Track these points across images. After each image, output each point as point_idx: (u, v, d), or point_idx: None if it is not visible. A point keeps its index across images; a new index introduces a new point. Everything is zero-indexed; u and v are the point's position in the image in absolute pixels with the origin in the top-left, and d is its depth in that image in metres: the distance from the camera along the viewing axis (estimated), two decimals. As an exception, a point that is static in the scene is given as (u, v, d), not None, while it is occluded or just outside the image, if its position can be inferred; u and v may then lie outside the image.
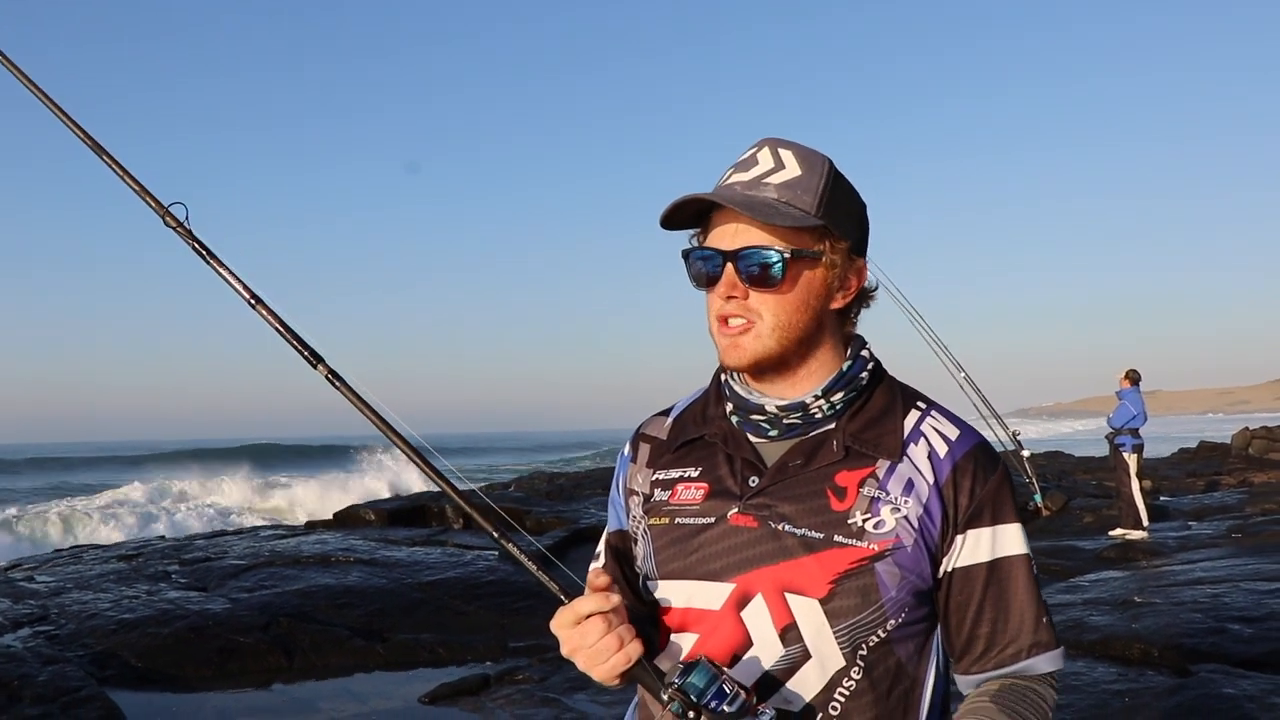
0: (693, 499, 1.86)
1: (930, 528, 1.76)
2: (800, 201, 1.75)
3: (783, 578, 1.73)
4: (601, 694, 7.67)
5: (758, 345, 1.78)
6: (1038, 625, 1.79)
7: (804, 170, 1.78)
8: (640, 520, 1.95)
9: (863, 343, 1.91)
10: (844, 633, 1.71)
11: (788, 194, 1.76)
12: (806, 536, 1.73)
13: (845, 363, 1.85)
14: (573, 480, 29.00)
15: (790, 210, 1.74)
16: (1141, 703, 6.80)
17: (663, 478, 1.94)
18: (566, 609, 1.72)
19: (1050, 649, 1.79)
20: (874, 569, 1.71)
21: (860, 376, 1.85)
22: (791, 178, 1.77)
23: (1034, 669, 1.78)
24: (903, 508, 1.75)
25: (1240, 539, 14.41)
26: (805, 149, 1.82)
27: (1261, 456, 31.37)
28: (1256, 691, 6.73)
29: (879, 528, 1.73)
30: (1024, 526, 1.83)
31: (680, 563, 1.82)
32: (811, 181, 1.77)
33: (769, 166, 1.79)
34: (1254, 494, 21.26)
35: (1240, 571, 11.16)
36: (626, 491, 2.04)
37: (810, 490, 1.77)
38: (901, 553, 1.73)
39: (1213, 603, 9.37)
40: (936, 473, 1.78)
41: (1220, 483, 25.72)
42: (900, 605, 1.74)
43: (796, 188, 1.77)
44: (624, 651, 1.69)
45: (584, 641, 1.69)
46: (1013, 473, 2.02)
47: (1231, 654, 7.81)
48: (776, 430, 1.84)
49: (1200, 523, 17.05)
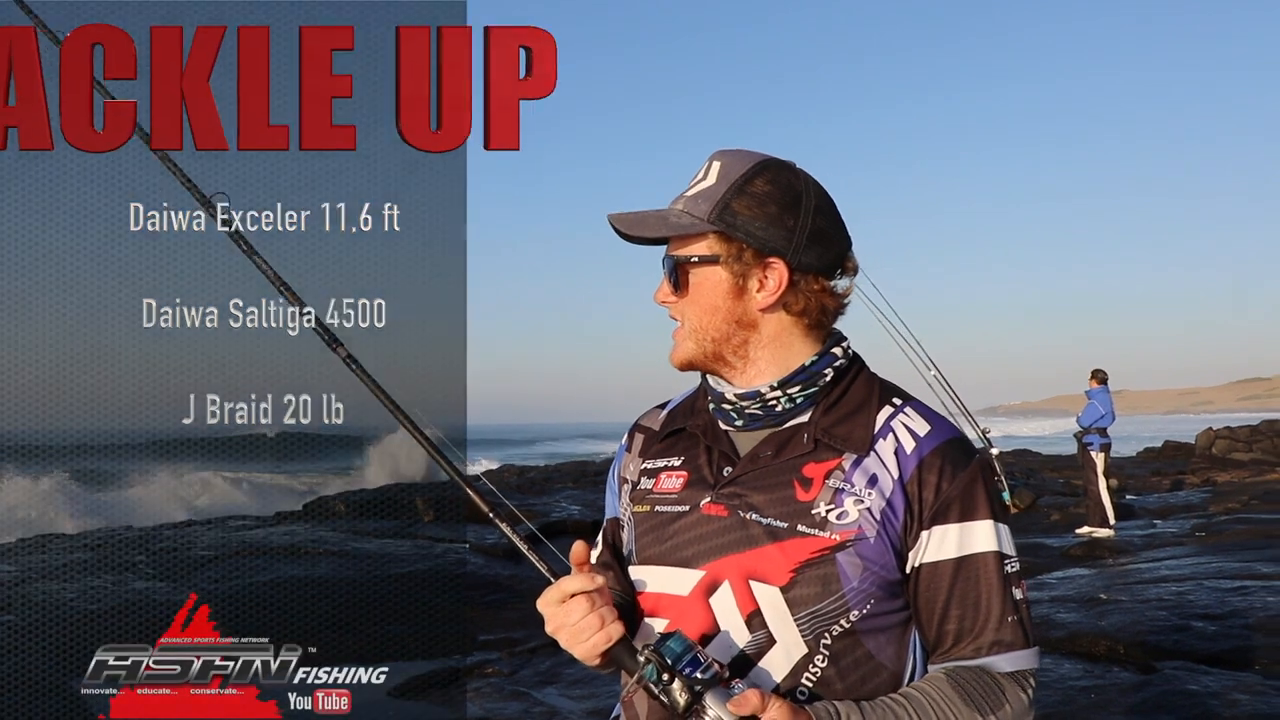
0: (672, 488, 1.90)
1: (893, 522, 1.77)
2: (697, 209, 1.83)
3: (748, 565, 1.76)
4: (572, 687, 7.66)
5: (681, 348, 1.89)
6: (1001, 624, 1.78)
7: (717, 180, 1.84)
8: (627, 507, 2.00)
9: (838, 340, 1.93)
10: (805, 620, 1.73)
11: (690, 204, 1.84)
12: (772, 525, 1.76)
13: (810, 357, 1.87)
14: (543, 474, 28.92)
15: (680, 220, 1.84)
16: (1107, 699, 6.86)
17: (650, 467, 1.99)
18: (552, 588, 1.75)
19: (1014, 649, 1.79)
20: (835, 559, 1.73)
21: (824, 373, 1.87)
22: (702, 188, 1.85)
23: (994, 667, 1.77)
24: (866, 500, 1.76)
25: (1204, 537, 14.54)
26: (741, 158, 1.87)
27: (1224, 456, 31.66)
28: (1219, 688, 6.80)
29: (842, 518, 1.75)
30: (1000, 523, 1.82)
31: (656, 549, 1.87)
32: (717, 190, 1.83)
33: (697, 179, 1.87)
34: (1217, 493, 21.46)
35: (1204, 570, 11.28)
36: (620, 480, 2.08)
37: (778, 480, 1.80)
38: (864, 544, 1.74)
39: (1177, 600, 9.46)
40: (902, 468, 1.79)
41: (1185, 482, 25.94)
42: (864, 596, 1.75)
43: (700, 198, 1.84)
44: (605, 631, 1.71)
45: (567, 620, 1.72)
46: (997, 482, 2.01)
47: (1195, 651, 7.90)
48: (742, 420, 1.88)
49: (1165, 521, 17.19)
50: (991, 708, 1.74)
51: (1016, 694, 1.78)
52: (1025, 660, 1.80)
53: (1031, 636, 1.82)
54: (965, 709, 1.72)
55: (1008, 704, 1.76)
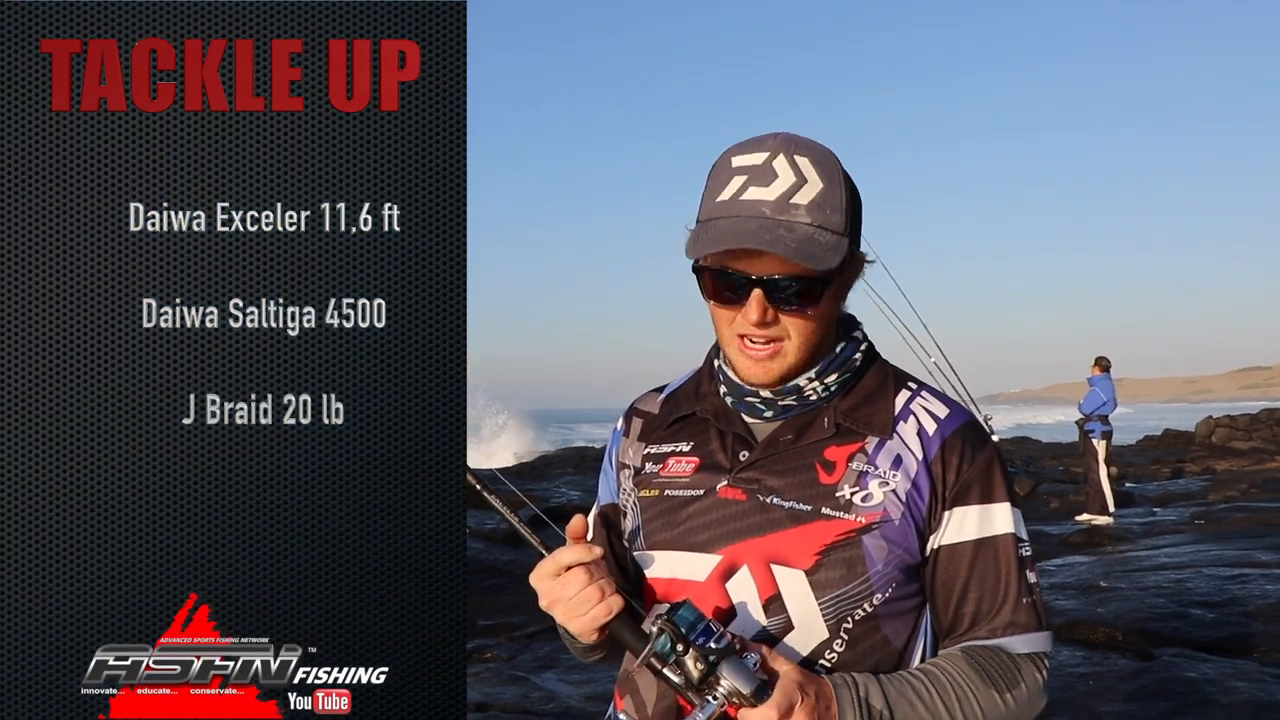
0: (683, 472, 1.85)
1: (918, 503, 1.75)
2: (832, 223, 1.70)
3: (769, 549, 1.72)
4: (570, 672, 7.68)
5: (783, 365, 1.75)
6: (1017, 605, 1.76)
7: (825, 183, 1.71)
8: (630, 492, 1.93)
9: (855, 324, 1.91)
10: (829, 604, 1.70)
11: (820, 216, 1.69)
12: (794, 509, 1.72)
13: (839, 345, 1.84)
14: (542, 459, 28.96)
15: (827, 239, 1.68)
16: (1106, 685, 6.88)
17: (654, 452, 1.93)
18: (547, 560, 1.68)
19: (1029, 630, 1.77)
20: (861, 541, 1.70)
21: (854, 358, 1.85)
22: (817, 195, 1.70)
23: (1009, 648, 1.75)
24: (891, 482, 1.74)
25: (1203, 525, 14.58)
26: (818, 151, 1.76)
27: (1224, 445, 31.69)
28: (1217, 675, 6.82)
29: (866, 501, 1.72)
30: (1015, 507, 1.81)
31: (668, 534, 1.81)
32: (836, 196, 1.72)
33: (791, 180, 1.71)
34: (1217, 481, 21.51)
35: (1203, 557, 11.31)
36: (618, 465, 2.02)
37: (799, 464, 1.77)
38: (889, 526, 1.72)
39: (1176, 588, 9.50)
40: (925, 449, 1.77)
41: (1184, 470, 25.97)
42: (887, 580, 1.72)
43: (825, 207, 1.70)
44: (605, 603, 1.66)
45: (564, 593, 1.66)
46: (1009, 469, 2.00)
47: (1193, 638, 7.92)
48: (772, 412, 1.82)
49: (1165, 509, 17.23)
50: (1008, 685, 1.72)
51: (1032, 674, 1.76)
52: (1039, 643, 1.78)
53: (1044, 620, 1.80)
54: (982, 685, 1.71)
55: (1024, 683, 1.74)
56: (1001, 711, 1.72)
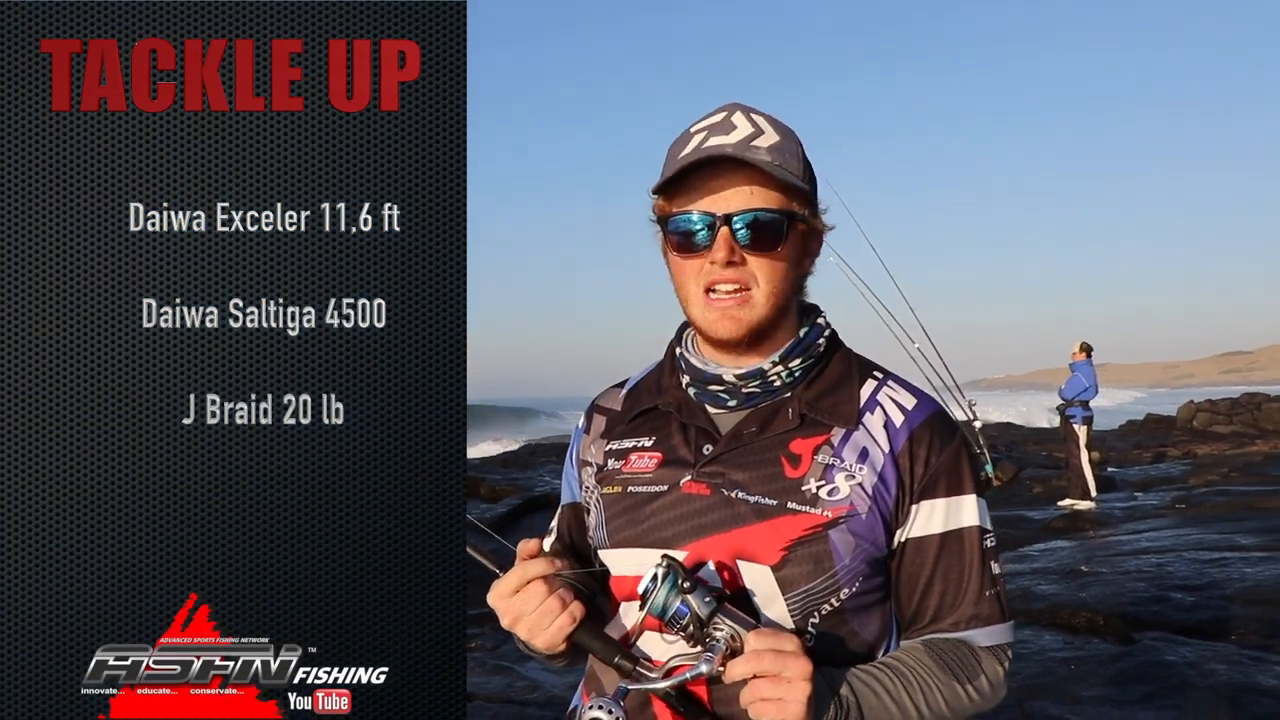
0: (645, 467, 1.82)
1: (885, 496, 1.73)
2: (790, 166, 1.72)
3: (735, 544, 1.69)
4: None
5: (752, 314, 1.74)
6: (979, 598, 1.76)
7: (782, 136, 1.74)
8: (593, 490, 1.90)
9: (818, 310, 1.89)
10: (795, 600, 1.68)
11: (779, 157, 1.71)
12: (760, 503, 1.70)
13: (802, 329, 1.82)
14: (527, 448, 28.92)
15: (789, 167, 1.71)
16: (1087, 670, 6.94)
17: (616, 447, 1.90)
18: (503, 579, 1.65)
19: (991, 623, 1.77)
20: (827, 536, 1.68)
21: (817, 343, 1.82)
22: (776, 142, 1.73)
23: (972, 641, 1.76)
24: (857, 475, 1.72)
25: (1184, 509, 14.67)
26: (773, 117, 1.78)
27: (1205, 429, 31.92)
28: (1196, 658, 6.89)
29: (833, 495, 1.70)
30: (981, 498, 1.80)
31: (631, 530, 1.78)
32: (793, 147, 1.75)
33: (749, 130, 1.73)
34: (1198, 466, 21.65)
35: (1183, 541, 11.40)
36: (579, 463, 1.99)
37: (764, 458, 1.74)
38: (856, 520, 1.70)
39: (1156, 572, 9.58)
40: (892, 441, 1.76)
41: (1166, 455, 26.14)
42: (854, 574, 1.71)
43: (784, 152, 1.72)
44: (568, 612, 1.64)
45: (525, 608, 1.63)
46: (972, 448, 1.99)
47: (1173, 622, 7.99)
48: (736, 400, 1.81)
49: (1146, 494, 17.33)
50: (969, 677, 1.72)
51: (993, 666, 1.76)
52: (1001, 634, 1.78)
53: (1007, 610, 1.80)
54: (943, 675, 1.70)
55: (984, 675, 1.74)
56: (964, 702, 1.72)
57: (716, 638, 1.55)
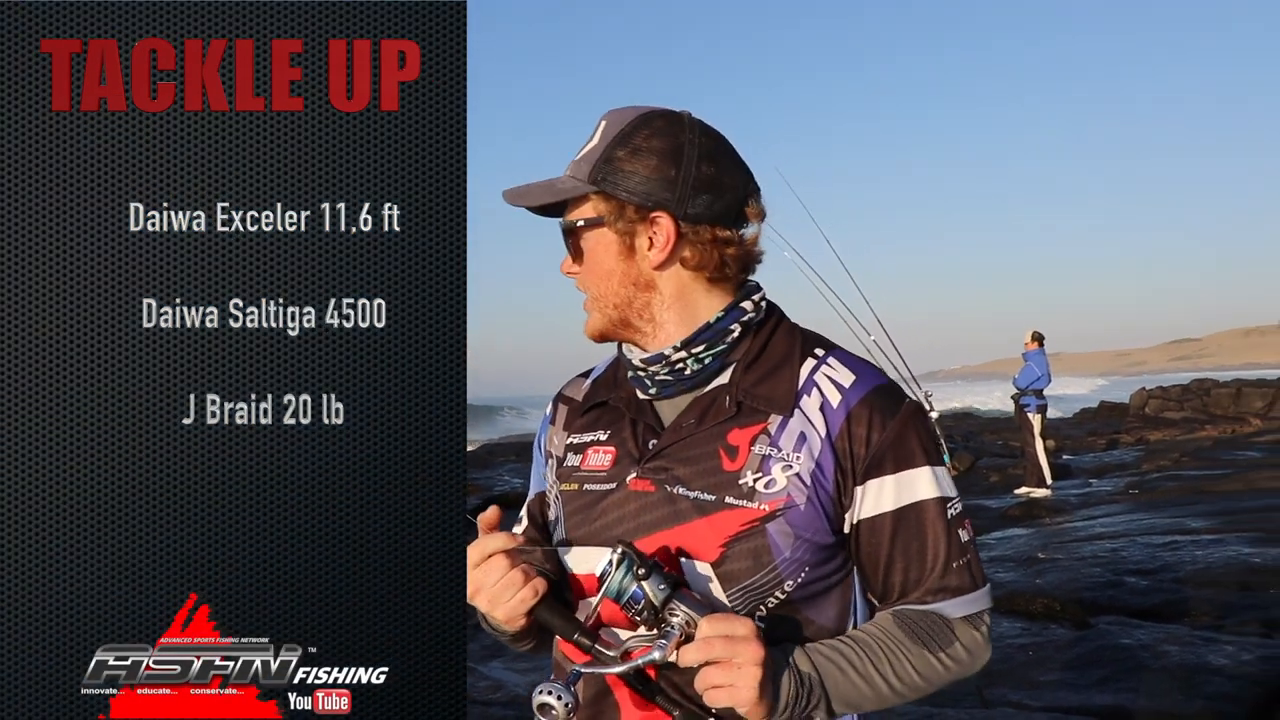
0: (600, 465, 1.83)
1: (824, 484, 1.70)
2: (579, 171, 1.75)
3: (677, 541, 1.69)
4: (516, 661, 7.67)
5: (591, 320, 1.81)
6: (946, 570, 1.72)
7: (599, 139, 1.76)
8: (554, 485, 1.91)
9: (750, 292, 1.84)
10: (737, 595, 1.66)
11: (575, 168, 1.77)
12: (699, 499, 1.69)
13: (715, 314, 1.78)
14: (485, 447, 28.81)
15: (564, 185, 1.76)
16: (1045, 655, 7.04)
17: (575, 441, 1.91)
18: (468, 549, 1.63)
19: (963, 593, 1.73)
20: (765, 530, 1.66)
21: (730, 329, 1.78)
22: (585, 151, 1.77)
23: (944, 613, 1.72)
24: (795, 464, 1.69)
25: (1137, 495, 14.90)
26: (624, 113, 1.78)
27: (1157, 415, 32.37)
28: (1150, 640, 7.02)
29: (770, 487, 1.68)
30: (937, 466, 1.75)
31: (585, 529, 1.78)
32: (597, 149, 1.75)
33: (584, 142, 1.79)
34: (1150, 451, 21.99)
35: (1136, 526, 11.60)
36: (546, 454, 2.00)
37: (704, 451, 1.73)
38: (794, 512, 1.68)
39: (1111, 557, 9.75)
40: (829, 424, 1.72)
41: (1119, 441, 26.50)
42: (797, 566, 1.68)
43: (583, 160, 1.76)
44: (530, 585, 1.65)
45: (486, 580, 1.63)
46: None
47: (1128, 605, 8.15)
48: (655, 388, 1.80)
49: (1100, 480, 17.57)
50: (941, 645, 1.70)
51: (969, 632, 1.74)
52: (976, 602, 1.75)
53: (980, 577, 1.77)
54: (914, 646, 1.68)
55: (958, 642, 1.72)
56: (939, 671, 1.70)
57: (672, 623, 1.55)
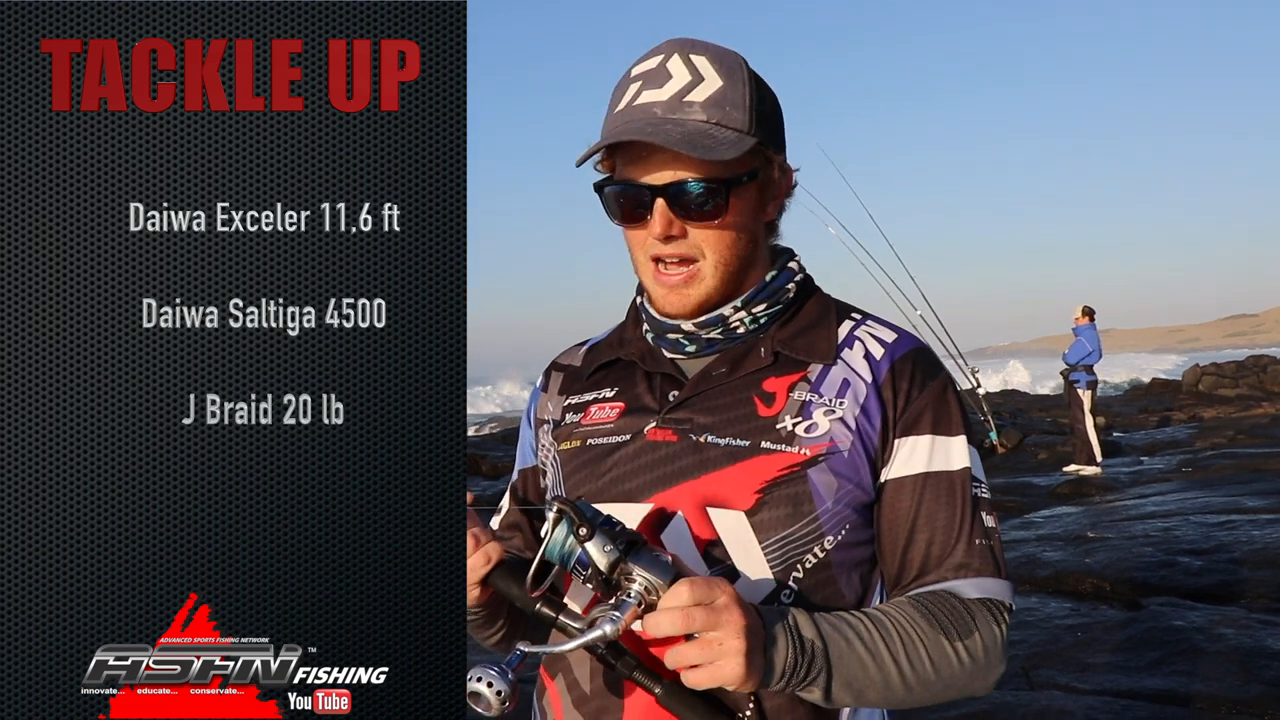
0: (606, 418, 1.72)
1: (869, 430, 1.61)
2: (732, 120, 1.60)
3: (704, 491, 1.58)
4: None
5: (701, 290, 1.65)
6: (969, 547, 1.60)
7: (725, 80, 1.61)
8: (550, 448, 1.81)
9: (791, 255, 1.77)
10: (774, 548, 1.56)
11: (717, 113, 1.59)
12: (731, 445, 1.59)
13: (770, 273, 1.72)
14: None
15: (725, 135, 1.58)
16: (1093, 636, 6.95)
17: (575, 401, 1.81)
18: None
19: (982, 575, 1.60)
20: (806, 476, 1.56)
21: (786, 288, 1.72)
22: (715, 92, 1.60)
23: (959, 592, 1.59)
24: (838, 409, 1.60)
25: (1190, 473, 14.69)
26: (718, 50, 1.64)
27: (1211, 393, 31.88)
28: (1204, 622, 6.90)
29: (811, 431, 1.58)
30: (972, 443, 1.66)
31: (591, 485, 1.67)
32: (737, 93, 1.61)
33: (686, 80, 1.60)
34: (1204, 429, 21.67)
35: (1190, 505, 11.42)
36: (536, 422, 1.90)
37: (735, 398, 1.64)
38: (838, 458, 1.58)
39: (1163, 536, 9.60)
40: (875, 372, 1.64)
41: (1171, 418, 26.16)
42: (839, 520, 1.59)
43: (724, 104, 1.60)
44: (482, 551, 1.57)
45: None
46: (969, 411, 1.91)
47: (1181, 586, 8.02)
48: (696, 347, 1.71)
49: (1152, 458, 17.36)
50: (960, 634, 1.54)
51: (989, 625, 1.58)
52: (995, 589, 1.61)
53: (1004, 568, 1.64)
54: (931, 631, 1.53)
55: (979, 633, 1.56)
56: (953, 664, 1.54)
57: (630, 590, 1.41)
